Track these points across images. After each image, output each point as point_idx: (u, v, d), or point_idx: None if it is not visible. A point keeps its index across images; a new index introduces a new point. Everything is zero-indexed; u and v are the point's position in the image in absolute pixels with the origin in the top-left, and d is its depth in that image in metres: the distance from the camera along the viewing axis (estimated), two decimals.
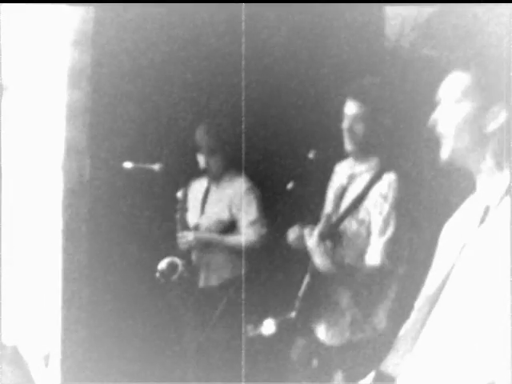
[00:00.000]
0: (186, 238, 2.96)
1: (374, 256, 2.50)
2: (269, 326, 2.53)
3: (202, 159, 3.00)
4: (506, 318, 1.56)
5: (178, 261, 2.93)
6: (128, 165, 2.89)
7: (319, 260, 2.48)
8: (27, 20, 2.53)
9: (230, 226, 2.98)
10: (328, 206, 2.68)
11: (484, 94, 1.75)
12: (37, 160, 2.54)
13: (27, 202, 2.47)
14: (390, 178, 2.54)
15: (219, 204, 3.01)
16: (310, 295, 2.54)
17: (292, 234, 2.64)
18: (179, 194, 3.00)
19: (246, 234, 2.92)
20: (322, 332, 2.57)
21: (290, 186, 2.69)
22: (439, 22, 2.56)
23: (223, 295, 2.90)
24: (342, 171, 2.72)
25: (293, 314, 2.53)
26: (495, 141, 1.74)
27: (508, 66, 1.83)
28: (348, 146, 2.61)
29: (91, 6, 2.74)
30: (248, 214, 2.93)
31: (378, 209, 2.51)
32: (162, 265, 2.91)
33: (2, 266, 2.35)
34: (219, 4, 2.75)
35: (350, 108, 2.58)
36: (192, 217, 3.05)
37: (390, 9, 2.74)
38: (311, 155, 2.70)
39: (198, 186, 3.09)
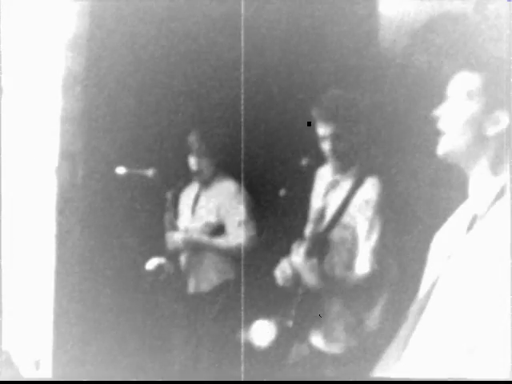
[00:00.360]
0: (174, 238, 2.97)
1: (363, 263, 2.50)
2: (265, 330, 2.56)
3: (193, 161, 2.99)
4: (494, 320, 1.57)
5: (164, 261, 2.94)
6: (121, 170, 2.88)
7: (307, 277, 2.49)
8: (24, 20, 2.52)
9: (219, 230, 2.96)
10: (312, 216, 2.68)
11: (489, 97, 1.74)
12: (30, 164, 2.53)
13: (20, 206, 2.47)
14: (373, 182, 2.54)
15: (208, 206, 3.00)
16: (305, 305, 2.55)
17: (280, 273, 2.64)
18: (168, 195, 2.99)
19: (235, 235, 2.92)
20: (317, 340, 2.58)
21: (282, 192, 2.69)
22: (433, 29, 2.53)
23: (215, 301, 2.90)
24: (324, 177, 2.72)
25: (290, 323, 2.55)
26: (493, 145, 1.73)
27: (508, 72, 1.81)
28: (334, 165, 2.63)
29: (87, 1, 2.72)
30: (237, 215, 2.92)
31: (362, 214, 2.52)
32: (150, 265, 2.92)
33: None
34: None
35: (323, 130, 2.59)
36: (183, 220, 3.05)
37: (383, 14, 2.70)
38: (304, 162, 2.70)
39: (189, 191, 3.08)
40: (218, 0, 2.77)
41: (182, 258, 3.00)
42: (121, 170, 2.87)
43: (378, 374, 1.73)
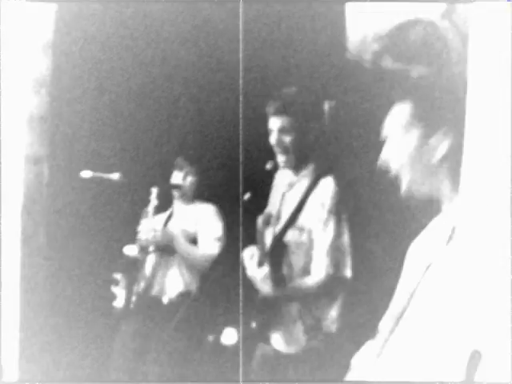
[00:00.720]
0: (152, 226, 2.90)
1: (317, 268, 2.51)
2: (230, 335, 2.59)
3: (178, 177, 2.96)
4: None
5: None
6: (86, 174, 2.88)
7: (260, 285, 2.54)
8: None
9: (193, 240, 2.94)
10: (268, 219, 2.66)
11: (424, 123, 1.72)
12: None
13: None
14: (326, 182, 2.56)
15: (184, 218, 2.98)
16: (263, 308, 2.57)
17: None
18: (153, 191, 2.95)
19: (209, 247, 2.90)
20: (277, 341, 2.57)
21: (246, 196, 2.68)
22: (402, 34, 2.48)
23: (177, 308, 2.88)
24: (282, 180, 2.72)
25: (253, 325, 2.56)
26: (447, 166, 1.70)
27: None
28: (280, 159, 2.66)
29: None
30: (214, 232, 2.91)
31: (316, 216, 2.52)
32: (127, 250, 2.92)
33: None
34: (216, 1, 2.74)
35: (274, 123, 2.65)
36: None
37: (350, 19, 2.65)
38: (269, 166, 2.70)
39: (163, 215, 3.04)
40: (217, 4, 2.78)
41: (152, 260, 2.99)
42: (86, 174, 2.88)
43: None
